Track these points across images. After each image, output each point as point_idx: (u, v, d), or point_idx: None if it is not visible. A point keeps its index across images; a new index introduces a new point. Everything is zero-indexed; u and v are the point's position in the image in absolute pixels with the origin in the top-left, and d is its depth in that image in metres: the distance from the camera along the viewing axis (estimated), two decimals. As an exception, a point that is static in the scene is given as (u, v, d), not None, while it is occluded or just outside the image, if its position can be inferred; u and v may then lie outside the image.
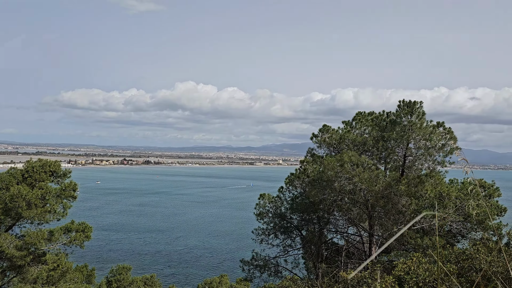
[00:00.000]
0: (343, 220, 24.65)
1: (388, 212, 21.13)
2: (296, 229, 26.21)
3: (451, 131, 20.73)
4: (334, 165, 18.32)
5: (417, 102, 20.00)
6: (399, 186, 19.79)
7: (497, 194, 30.07)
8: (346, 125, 22.50)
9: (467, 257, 11.18)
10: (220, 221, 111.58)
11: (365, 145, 21.45)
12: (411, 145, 20.89)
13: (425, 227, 23.87)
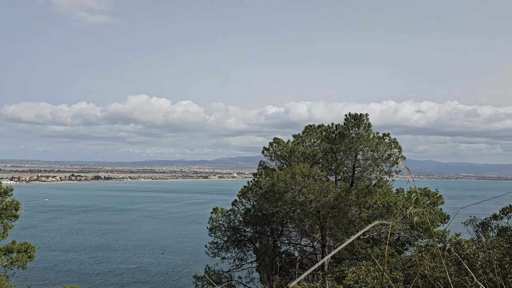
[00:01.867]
0: (296, 232, 24.83)
1: (339, 222, 21.54)
2: (249, 242, 26.09)
3: (396, 141, 21.59)
4: (285, 177, 18.47)
5: (363, 115, 20.69)
6: (349, 197, 20.25)
7: (440, 202, 31.55)
8: (296, 138, 22.86)
9: (412, 264, 11.54)
10: (176, 237, 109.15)
11: (315, 157, 21.86)
12: (359, 156, 21.51)
13: (375, 236, 24.55)
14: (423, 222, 25.68)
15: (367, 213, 22.73)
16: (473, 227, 19.28)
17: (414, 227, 25.88)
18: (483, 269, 8.20)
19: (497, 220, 17.90)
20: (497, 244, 9.72)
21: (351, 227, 21.16)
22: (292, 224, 23.91)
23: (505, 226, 17.57)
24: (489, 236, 13.12)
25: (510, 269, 8.31)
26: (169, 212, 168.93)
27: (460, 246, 10.13)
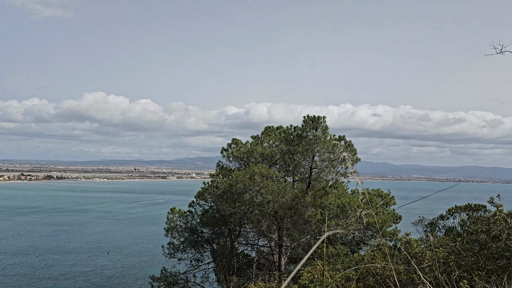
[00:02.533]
0: (253, 232, 24.93)
1: (296, 223, 21.83)
2: (207, 242, 25.92)
3: (351, 144, 22.17)
4: (243, 178, 18.50)
5: (320, 117, 21.11)
6: (305, 198, 20.57)
7: (392, 203, 32.70)
8: (255, 139, 22.98)
9: (364, 263, 11.86)
10: (132, 238, 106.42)
11: (274, 158, 22.06)
12: (316, 157, 21.91)
13: (330, 237, 25.08)
14: (376, 222, 26.53)
15: (323, 214, 23.19)
16: (422, 227, 20.13)
17: (367, 227, 26.69)
18: (429, 267, 8.57)
19: (443, 220, 18.81)
20: (443, 243, 10.20)
21: (308, 227, 21.50)
22: (249, 225, 23.98)
23: (451, 226, 18.49)
24: (436, 236, 13.74)
25: (454, 267, 8.74)
26: (126, 213, 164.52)
27: (409, 245, 10.53)
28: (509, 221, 8.56)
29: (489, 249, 8.28)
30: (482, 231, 9.39)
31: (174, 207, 25.20)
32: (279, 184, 19.88)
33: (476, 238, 9.52)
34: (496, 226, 8.63)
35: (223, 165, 23.53)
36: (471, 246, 9.67)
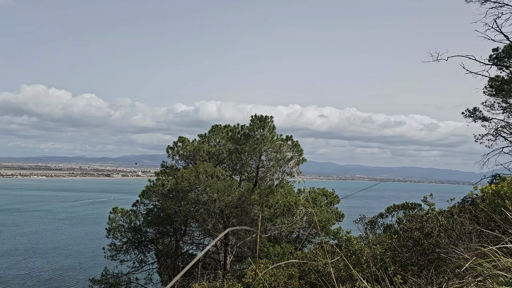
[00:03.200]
0: (199, 231, 24.70)
1: (242, 221, 21.88)
2: (151, 242, 25.33)
3: (298, 144, 22.58)
4: (189, 176, 18.26)
5: (268, 117, 21.31)
6: (252, 196, 20.67)
7: (336, 201, 33.71)
8: (202, 137, 22.77)
9: (308, 260, 12.11)
10: (73, 239, 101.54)
11: (220, 156, 21.97)
12: (263, 157, 22.09)
13: (276, 235, 25.41)
14: (320, 220, 27.22)
15: (269, 212, 23.43)
16: (362, 224, 20.92)
17: (312, 225, 27.32)
18: (367, 264, 8.90)
19: (383, 218, 19.66)
20: (381, 240, 10.64)
21: (253, 226, 21.63)
22: (195, 224, 23.73)
23: (389, 223, 19.34)
24: (375, 233, 14.31)
25: (390, 263, 9.14)
26: (66, 212, 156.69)
27: (349, 242, 10.88)
28: (440, 219, 9.08)
29: (421, 245, 8.75)
30: (416, 228, 9.90)
31: (116, 207, 24.38)
32: (225, 182, 19.83)
33: (411, 235, 10.01)
34: (428, 224, 9.13)
35: (169, 164, 23.10)
36: (406, 242, 10.16)
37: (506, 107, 24.41)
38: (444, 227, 8.52)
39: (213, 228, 22.98)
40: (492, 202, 7.70)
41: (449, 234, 7.77)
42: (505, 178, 8.39)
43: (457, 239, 7.43)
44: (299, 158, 22.77)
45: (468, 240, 7.32)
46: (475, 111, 24.87)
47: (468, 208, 9.46)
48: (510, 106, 24.48)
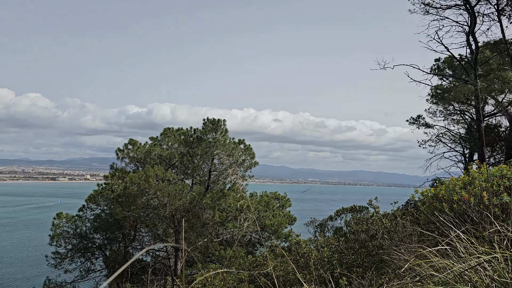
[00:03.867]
0: (149, 236, 24.15)
1: (193, 226, 21.63)
2: (99, 249, 24.43)
3: (250, 147, 22.69)
4: (139, 180, 17.82)
5: (220, 120, 21.27)
6: (204, 200, 20.50)
7: (288, 205, 34.13)
8: (153, 140, 22.33)
9: (257, 264, 12.14)
10: (14, 246, 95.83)
11: (172, 160, 21.63)
12: (215, 160, 21.99)
13: (228, 239, 25.33)
14: (272, 224, 27.46)
15: (221, 216, 23.32)
16: (313, 227, 21.34)
17: (264, 229, 27.50)
18: (315, 266, 9.07)
19: (332, 221, 20.17)
20: (329, 243, 10.88)
21: (205, 230, 21.45)
22: (145, 229, 23.17)
23: (339, 226, 19.86)
24: (324, 236, 14.61)
25: (337, 265, 9.36)
26: (7, 218, 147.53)
27: (299, 245, 11.03)
28: (384, 221, 9.42)
29: (367, 247, 9.03)
30: (362, 230, 10.21)
31: (61, 212, 23.29)
32: (177, 186, 19.53)
33: (357, 238, 10.31)
34: (373, 226, 9.45)
35: (118, 167, 22.43)
36: (352, 245, 10.45)
37: (446, 114, 25.84)
38: (388, 229, 8.84)
39: (163, 233, 22.55)
40: (431, 205, 8.09)
41: (392, 236, 8.07)
42: (443, 182, 8.84)
43: (399, 241, 7.73)
44: (251, 161, 22.87)
45: (409, 241, 7.64)
46: (419, 118, 26.14)
47: (410, 211, 9.88)
48: (450, 113, 25.96)
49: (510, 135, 20.66)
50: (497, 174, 7.35)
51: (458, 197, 6.98)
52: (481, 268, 4.02)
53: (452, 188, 7.49)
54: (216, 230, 23.07)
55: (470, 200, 6.67)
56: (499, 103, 23.64)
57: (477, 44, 22.07)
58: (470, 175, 7.79)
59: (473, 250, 4.28)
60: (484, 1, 21.09)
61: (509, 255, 3.99)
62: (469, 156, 25.00)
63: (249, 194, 29.03)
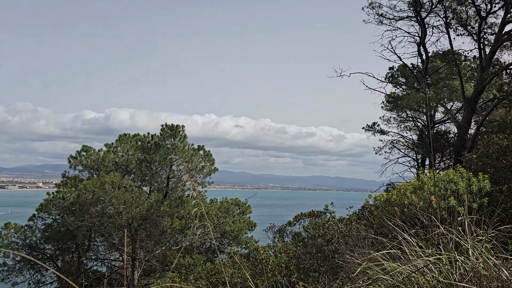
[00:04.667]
0: (104, 246, 23.38)
1: (151, 234, 21.16)
2: (50, 260, 23.36)
3: (210, 153, 22.53)
4: (93, 187, 17.23)
5: (179, 126, 21.00)
6: (161, 207, 20.10)
7: (249, 211, 34.12)
8: (108, 146, 21.70)
9: (215, 272, 12.02)
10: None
11: (129, 167, 21.11)
12: (174, 167, 21.66)
13: (187, 246, 24.94)
14: (232, 230, 27.33)
15: (180, 223, 22.94)
16: (272, 233, 21.42)
17: (224, 235, 27.32)
18: (272, 272, 9.09)
19: (291, 226, 20.32)
20: (286, 248, 10.96)
21: (163, 238, 21.02)
22: (100, 238, 22.41)
23: (297, 231, 20.04)
24: (283, 241, 14.70)
25: (294, 270, 9.42)
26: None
27: (257, 252, 11.02)
28: (340, 226, 9.60)
29: (323, 252, 9.16)
30: (319, 235, 10.35)
31: (9, 222, 22.09)
32: (133, 194, 19.05)
33: (314, 242, 10.44)
34: (329, 231, 9.60)
35: (71, 175, 21.59)
36: (310, 249, 10.56)
37: (400, 121, 26.82)
38: (343, 233, 9.01)
39: (119, 242, 21.90)
40: (384, 209, 8.32)
41: (347, 240, 8.23)
42: (395, 187, 9.13)
43: (354, 245, 7.89)
44: (211, 168, 22.71)
45: (363, 245, 7.81)
46: (374, 125, 26.99)
47: (365, 215, 10.12)
48: (403, 120, 26.97)
49: (458, 141, 21.71)
50: (445, 179, 7.67)
51: (408, 201, 7.23)
52: (427, 270, 4.15)
53: (403, 193, 7.74)
54: (175, 238, 22.67)
55: (420, 204, 6.92)
56: (448, 110, 24.84)
57: (427, 54, 23.11)
58: (420, 180, 8.10)
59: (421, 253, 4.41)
60: (433, 13, 22.16)
61: (453, 256, 4.14)
62: (421, 161, 26.05)
63: (209, 200, 28.78)
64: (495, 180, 9.91)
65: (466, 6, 21.23)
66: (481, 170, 9.75)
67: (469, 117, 21.24)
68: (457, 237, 4.21)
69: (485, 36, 21.63)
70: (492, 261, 4.11)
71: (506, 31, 20.23)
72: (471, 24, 21.61)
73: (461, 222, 6.50)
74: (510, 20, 19.78)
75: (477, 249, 4.30)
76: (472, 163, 10.60)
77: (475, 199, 7.27)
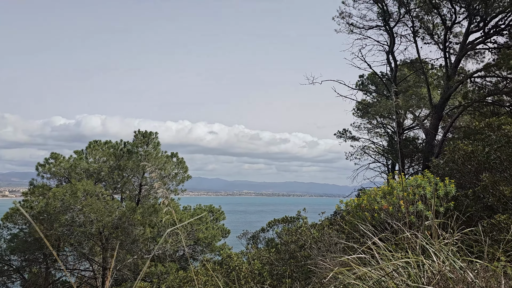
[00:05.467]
0: (74, 256, 22.75)
1: (123, 243, 20.74)
2: (16, 272, 22.52)
3: (183, 161, 22.36)
4: (63, 195, 16.77)
5: (152, 133, 20.77)
6: (134, 216, 19.77)
7: (222, 218, 33.95)
8: (79, 154, 21.21)
9: (188, 280, 11.90)
10: None
11: (100, 174, 20.68)
12: (146, 174, 21.37)
13: (160, 254, 24.57)
14: (206, 237, 27.12)
15: (153, 232, 22.60)
16: (245, 240, 21.37)
17: (197, 243, 27.07)
18: (245, 279, 9.07)
19: (264, 233, 20.32)
20: (260, 255, 10.97)
21: (135, 247, 20.65)
22: (69, 248, 21.79)
23: (271, 237, 20.06)
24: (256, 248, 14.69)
25: (267, 277, 9.44)
26: None
27: (230, 259, 10.98)
28: (312, 231, 9.69)
29: (296, 257, 9.22)
30: (292, 241, 10.41)
31: (-29, 233, 21.21)
32: (105, 202, 18.66)
33: (287, 248, 10.49)
34: (302, 237, 9.68)
35: (39, 183, 20.94)
36: (283, 255, 10.61)
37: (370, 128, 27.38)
38: (316, 239, 9.10)
39: (90, 251, 21.38)
40: (355, 214, 8.46)
41: (319, 245, 8.32)
42: (366, 192, 9.31)
43: (326, 250, 7.98)
44: (184, 175, 22.53)
45: (335, 251, 7.92)
46: (345, 132, 27.47)
47: (337, 221, 10.26)
48: (374, 127, 27.55)
49: (426, 147, 22.34)
50: (413, 184, 7.89)
51: (378, 206, 7.39)
52: (397, 274, 4.25)
53: (373, 198, 7.91)
54: (147, 246, 22.31)
55: (389, 209, 7.09)
56: (416, 117, 25.55)
57: (396, 63, 23.76)
58: (390, 185, 8.29)
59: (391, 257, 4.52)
60: (401, 23, 22.81)
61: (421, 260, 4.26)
62: (392, 167, 26.66)
63: (183, 207, 28.51)
64: (461, 185, 10.25)
65: (432, 16, 21.97)
66: (448, 175, 10.08)
67: (436, 123, 21.91)
68: (423, 241, 4.34)
69: (451, 45, 22.45)
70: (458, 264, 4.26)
71: (470, 41, 21.05)
72: (437, 33, 22.37)
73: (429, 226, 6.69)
74: (474, 30, 20.59)
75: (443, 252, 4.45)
76: (439, 168, 10.93)
77: (442, 203, 7.51)
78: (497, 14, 19.10)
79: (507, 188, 7.71)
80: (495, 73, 20.09)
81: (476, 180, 9.31)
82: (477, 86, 22.31)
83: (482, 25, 20.11)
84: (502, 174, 8.97)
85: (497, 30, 20.07)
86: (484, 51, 22.57)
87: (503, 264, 4.82)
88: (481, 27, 20.25)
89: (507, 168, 8.83)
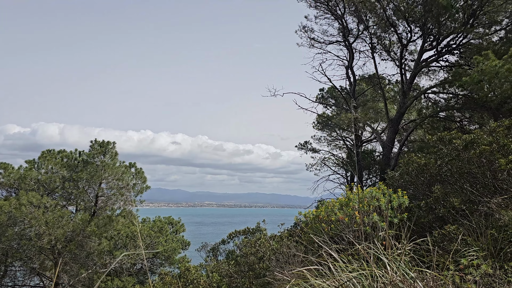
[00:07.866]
0: (23, 271, 21.57)
1: (76, 256, 19.91)
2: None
3: (142, 171, 21.85)
4: (8, 208, 15.93)
5: (110, 142, 20.19)
6: (88, 228, 19.03)
7: (182, 230, 33.37)
8: (30, 163, 20.27)
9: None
10: None
11: (52, 185, 19.83)
12: (103, 185, 20.71)
13: (117, 268, 23.76)
14: (165, 250, 26.52)
15: (109, 244, 21.85)
16: (205, 252, 21.08)
17: (156, 255, 26.41)
18: (203, 293, 8.91)
19: (225, 245, 20.14)
20: (219, 267, 10.82)
21: (89, 261, 19.86)
22: (18, 263, 20.65)
23: (231, 249, 19.89)
24: (216, 260, 14.50)
25: (226, 290, 9.31)
26: None
27: (188, 272, 10.76)
28: (271, 243, 9.67)
29: (254, 270, 9.15)
30: (251, 253, 10.34)
31: None
32: (55, 214, 17.88)
33: (247, 260, 10.41)
34: (261, 248, 9.64)
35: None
36: (242, 268, 10.51)
37: (330, 140, 27.93)
38: (274, 251, 9.08)
39: (41, 266, 20.36)
40: (313, 226, 8.53)
41: (278, 257, 8.30)
42: (324, 203, 9.42)
43: (284, 262, 7.98)
44: (143, 185, 21.99)
45: (293, 262, 7.92)
46: (306, 144, 27.89)
47: (296, 232, 10.30)
48: (333, 139, 28.12)
49: (383, 159, 23.02)
50: (368, 196, 8.06)
51: (335, 218, 7.48)
52: (351, 285, 4.28)
53: (331, 209, 8.01)
54: (103, 260, 21.51)
55: (345, 220, 7.19)
56: (374, 130, 26.32)
57: (354, 77, 24.47)
58: (347, 197, 8.43)
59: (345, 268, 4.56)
60: (360, 39, 23.57)
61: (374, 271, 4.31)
62: (350, 178, 27.24)
63: (141, 219, 27.80)
64: (415, 196, 10.58)
65: (389, 33, 22.83)
66: (403, 187, 10.39)
67: (393, 137, 22.66)
68: (376, 252, 4.41)
69: (406, 62, 23.38)
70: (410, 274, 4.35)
71: (424, 59, 22.03)
72: (393, 50, 23.26)
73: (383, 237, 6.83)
74: (428, 48, 21.57)
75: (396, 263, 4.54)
76: (394, 180, 11.25)
77: (396, 214, 7.71)
78: (449, 35, 20.11)
79: (457, 199, 8.02)
80: (448, 90, 21.12)
81: (429, 192, 9.64)
82: (430, 102, 23.34)
83: (435, 44, 21.10)
84: (452, 186, 9.34)
85: (448, 49, 21.12)
86: (437, 68, 23.68)
87: (452, 273, 4.97)
88: (434, 46, 21.23)
89: (457, 180, 9.21)
